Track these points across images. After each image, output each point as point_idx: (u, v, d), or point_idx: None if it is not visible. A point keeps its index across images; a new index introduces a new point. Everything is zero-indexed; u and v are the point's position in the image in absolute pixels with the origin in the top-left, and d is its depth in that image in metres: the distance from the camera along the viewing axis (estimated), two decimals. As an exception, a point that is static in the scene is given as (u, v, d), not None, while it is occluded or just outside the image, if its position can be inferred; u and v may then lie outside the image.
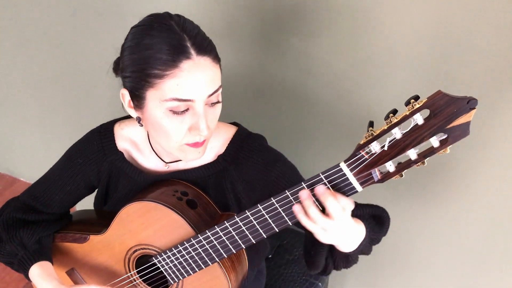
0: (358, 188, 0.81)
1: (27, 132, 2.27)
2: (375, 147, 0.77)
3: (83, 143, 1.14)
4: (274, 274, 1.42)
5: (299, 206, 0.85)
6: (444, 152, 0.74)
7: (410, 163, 0.76)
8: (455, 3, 1.11)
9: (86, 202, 1.29)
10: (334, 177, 0.81)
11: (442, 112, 0.71)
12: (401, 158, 0.77)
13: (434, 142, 0.73)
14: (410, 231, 1.52)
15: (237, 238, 0.95)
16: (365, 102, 1.35)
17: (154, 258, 1.05)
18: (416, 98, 0.72)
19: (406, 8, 1.16)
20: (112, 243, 1.10)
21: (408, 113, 0.73)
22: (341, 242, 0.90)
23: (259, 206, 0.89)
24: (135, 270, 1.11)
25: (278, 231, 0.91)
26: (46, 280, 1.06)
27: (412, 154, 0.75)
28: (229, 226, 0.94)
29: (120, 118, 1.16)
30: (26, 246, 1.10)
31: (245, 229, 0.93)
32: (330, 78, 1.36)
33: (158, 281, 1.12)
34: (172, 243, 1.02)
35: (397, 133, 0.74)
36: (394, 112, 0.75)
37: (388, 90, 1.29)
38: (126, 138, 1.12)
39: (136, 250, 1.08)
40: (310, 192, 0.83)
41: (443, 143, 0.73)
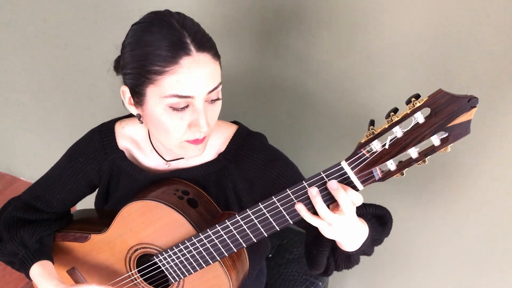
0: (359, 186, 0.82)
1: (28, 131, 2.27)
2: (376, 146, 0.77)
3: (84, 142, 1.14)
4: (275, 274, 1.42)
5: (302, 204, 0.85)
6: (445, 150, 0.74)
7: (411, 162, 0.76)
8: (455, 3, 1.11)
9: (86, 202, 1.29)
10: (335, 175, 0.81)
11: (443, 110, 0.71)
12: (402, 157, 0.77)
13: (435, 140, 0.74)
14: (410, 231, 1.52)
15: (238, 237, 0.95)
16: (365, 102, 1.35)
17: (155, 257, 1.05)
18: (417, 96, 0.73)
19: (406, 7, 1.17)
20: (113, 242, 1.10)
21: (409, 111, 0.73)
22: (345, 239, 0.90)
23: (260, 205, 0.89)
24: (136, 269, 1.11)
25: (279, 230, 0.92)
26: (47, 279, 1.06)
27: (413, 152, 0.76)
28: (230, 225, 0.94)
29: (121, 117, 1.16)
30: (27, 246, 1.10)
31: (246, 227, 0.93)
32: (330, 78, 1.36)
33: (159, 280, 1.12)
34: (173, 242, 1.02)
35: (398, 131, 0.74)
36: (395, 110, 0.75)
37: (388, 89, 1.29)
38: (127, 136, 1.13)
39: (137, 249, 1.08)
40: (317, 187, 0.83)
41: (444, 142, 0.73)
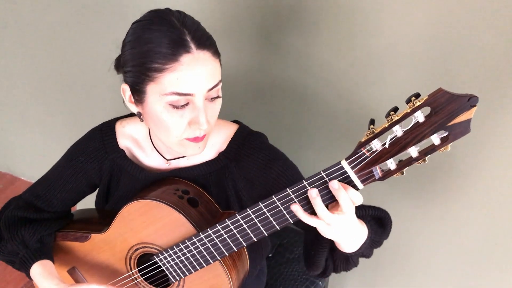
0: (359, 185, 0.82)
1: (28, 131, 2.27)
2: (376, 145, 0.77)
3: (85, 141, 1.14)
4: (275, 273, 1.42)
5: (298, 205, 0.85)
6: (445, 149, 0.74)
7: (411, 161, 0.76)
8: (455, 3, 1.11)
9: (87, 202, 1.29)
10: (335, 174, 0.81)
11: (443, 109, 0.71)
12: (402, 156, 0.77)
13: (435, 139, 0.74)
14: (410, 231, 1.52)
15: (238, 236, 0.95)
16: (365, 101, 1.35)
17: (155, 256, 1.05)
18: (417, 95, 0.73)
19: (406, 7, 1.17)
20: (113, 242, 1.10)
21: (409, 110, 0.73)
22: (343, 239, 0.91)
23: (261, 204, 0.89)
24: (137, 269, 1.11)
25: (279, 229, 0.92)
26: (47, 278, 1.06)
27: (413, 151, 0.76)
28: (230, 224, 0.94)
29: (121, 116, 1.16)
30: (27, 245, 1.11)
31: (246, 227, 0.93)
32: (330, 77, 1.36)
33: (159, 279, 1.12)
34: (173, 242, 1.02)
35: (398, 130, 0.74)
36: (395, 110, 0.75)
37: (388, 89, 1.30)
38: (128, 136, 1.13)
39: (137, 249, 1.08)
40: (317, 187, 0.83)
41: (444, 141, 0.73)
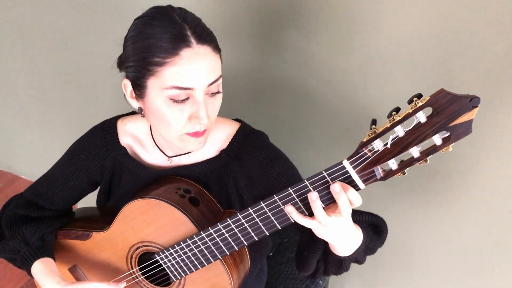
0: (361, 185, 0.82)
1: (28, 130, 2.27)
2: (378, 145, 0.77)
3: (86, 139, 1.15)
4: (275, 272, 1.42)
5: (291, 206, 0.86)
6: (446, 150, 0.75)
7: (412, 161, 0.77)
8: (455, 3, 1.11)
9: (88, 201, 1.29)
10: (337, 174, 0.82)
11: (444, 110, 0.71)
12: (403, 156, 0.77)
13: (436, 140, 0.74)
14: (410, 231, 1.52)
15: (239, 235, 0.95)
16: (365, 101, 1.35)
17: (156, 255, 1.05)
18: (419, 96, 0.73)
19: (407, 7, 1.17)
20: (114, 240, 1.10)
21: (411, 111, 0.73)
22: (338, 242, 0.91)
23: (262, 203, 0.89)
24: (138, 267, 1.11)
25: (280, 228, 0.92)
26: (48, 276, 1.06)
27: (414, 152, 0.76)
28: (231, 224, 0.94)
29: (123, 114, 1.16)
30: (29, 243, 1.11)
31: (247, 226, 0.93)
32: (331, 77, 1.37)
33: (160, 278, 1.12)
34: (174, 241, 1.02)
35: (399, 131, 0.75)
36: (397, 110, 0.75)
37: (389, 89, 1.30)
38: (129, 133, 1.13)
39: (138, 247, 1.08)
40: (318, 187, 0.84)
41: (446, 141, 0.74)
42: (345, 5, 1.24)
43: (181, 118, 0.93)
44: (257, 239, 0.95)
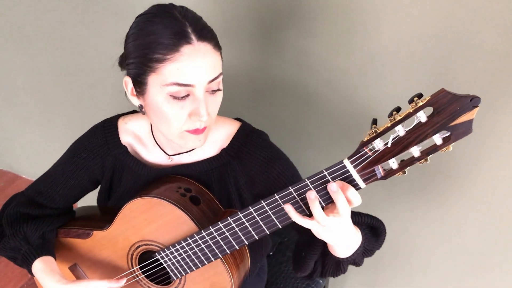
0: (362, 184, 0.82)
1: (29, 129, 2.27)
2: (379, 144, 0.78)
3: (87, 137, 1.15)
4: (276, 271, 1.43)
5: (290, 205, 0.86)
6: (446, 149, 0.75)
7: (413, 160, 0.77)
8: (455, 3, 1.12)
9: (89, 199, 1.30)
10: (337, 173, 0.82)
11: (445, 110, 0.71)
12: (404, 155, 0.78)
13: (437, 139, 0.74)
14: (410, 231, 1.52)
15: (240, 234, 0.95)
16: (365, 101, 1.35)
17: (157, 254, 1.05)
18: (419, 96, 0.73)
19: (407, 6, 1.17)
20: (115, 239, 1.10)
21: (411, 110, 0.73)
22: (337, 242, 0.91)
23: (263, 202, 0.89)
24: (138, 266, 1.11)
25: (281, 227, 0.92)
26: (49, 275, 1.06)
27: (415, 151, 0.76)
28: (232, 222, 0.94)
29: (123, 113, 1.17)
30: (29, 241, 1.11)
31: (248, 225, 0.93)
32: (331, 77, 1.37)
33: (160, 277, 1.12)
34: (175, 239, 1.02)
35: (400, 130, 0.75)
36: (398, 109, 0.75)
37: (389, 88, 1.30)
38: (130, 132, 1.13)
39: (139, 246, 1.08)
40: (319, 186, 0.84)
41: (446, 141, 0.74)
42: (345, 5, 1.24)
43: (181, 115, 0.94)
44: (257, 238, 0.95)
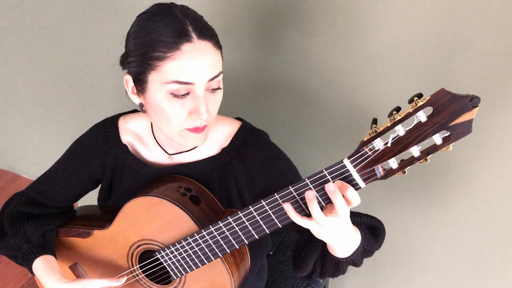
0: (361, 184, 0.82)
1: (29, 129, 2.27)
2: (379, 144, 0.78)
3: (88, 137, 1.15)
4: (276, 271, 1.43)
5: (289, 204, 0.86)
6: (446, 149, 0.75)
7: (413, 160, 0.77)
8: (455, 3, 1.12)
9: (90, 198, 1.30)
10: (337, 173, 0.82)
11: (445, 109, 0.72)
12: (404, 155, 0.78)
13: (437, 139, 0.74)
14: (410, 231, 1.52)
15: (240, 233, 0.95)
16: (365, 101, 1.35)
17: (157, 253, 1.06)
18: (419, 96, 0.73)
19: (407, 6, 1.17)
20: (115, 238, 1.10)
21: (411, 110, 0.73)
22: (336, 242, 0.91)
23: (263, 202, 0.89)
24: (138, 265, 1.11)
25: (280, 227, 0.92)
26: (49, 273, 1.07)
27: (415, 151, 0.76)
28: (232, 222, 0.94)
29: (124, 112, 1.17)
30: (30, 240, 1.11)
31: (248, 224, 0.93)
32: (331, 77, 1.37)
33: (161, 276, 1.12)
34: (175, 239, 1.03)
35: (400, 130, 0.75)
36: (398, 109, 0.75)
37: (389, 88, 1.30)
38: (130, 131, 1.14)
39: (139, 245, 1.08)
40: (318, 186, 0.84)
41: (446, 141, 0.74)
42: (345, 5, 1.24)
43: (181, 113, 0.94)
44: (257, 237, 0.95)
